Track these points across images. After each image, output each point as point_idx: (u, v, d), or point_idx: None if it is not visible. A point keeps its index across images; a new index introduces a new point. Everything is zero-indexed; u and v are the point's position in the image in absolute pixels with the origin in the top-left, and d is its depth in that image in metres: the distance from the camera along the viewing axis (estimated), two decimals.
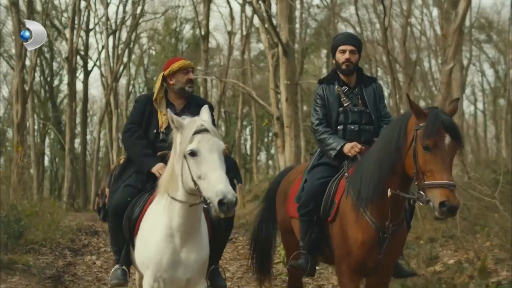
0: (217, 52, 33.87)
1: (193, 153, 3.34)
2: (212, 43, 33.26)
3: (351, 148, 4.30)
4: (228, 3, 34.65)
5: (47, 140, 38.38)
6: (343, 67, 4.50)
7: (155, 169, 4.09)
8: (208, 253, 3.82)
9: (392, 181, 3.71)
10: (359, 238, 3.89)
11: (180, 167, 3.48)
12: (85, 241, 11.93)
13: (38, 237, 9.28)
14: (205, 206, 3.32)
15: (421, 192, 3.44)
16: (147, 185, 4.14)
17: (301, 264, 4.36)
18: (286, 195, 4.88)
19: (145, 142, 4.21)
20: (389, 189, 3.69)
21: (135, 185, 4.16)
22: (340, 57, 4.51)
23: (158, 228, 3.70)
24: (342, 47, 4.52)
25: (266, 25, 15.16)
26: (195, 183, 3.34)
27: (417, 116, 3.59)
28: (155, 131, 4.28)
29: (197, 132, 3.39)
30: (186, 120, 3.54)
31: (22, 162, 12.26)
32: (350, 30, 26.29)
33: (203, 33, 25.83)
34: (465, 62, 32.88)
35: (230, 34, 29.53)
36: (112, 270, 4.20)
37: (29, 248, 8.59)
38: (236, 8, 36.89)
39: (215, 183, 3.19)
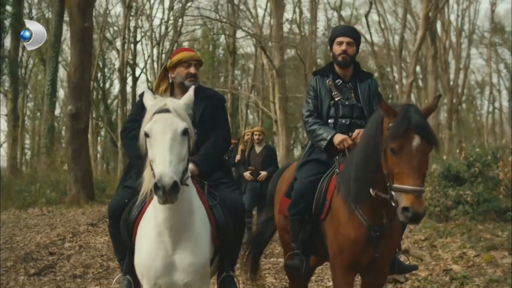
0: (246, 58, 38.93)
1: (147, 134, 3.16)
2: (247, 50, 38.79)
3: (340, 141, 4.35)
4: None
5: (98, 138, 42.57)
6: (340, 58, 4.55)
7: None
8: (208, 256, 3.62)
9: (379, 179, 3.60)
10: (351, 235, 3.88)
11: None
12: None
13: (112, 192, 17.57)
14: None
15: (392, 193, 3.38)
16: None
17: (297, 264, 4.40)
18: (281, 193, 4.90)
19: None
20: (371, 189, 3.65)
21: (134, 186, 3.79)
22: (337, 49, 4.56)
23: (148, 229, 3.51)
24: (339, 39, 4.56)
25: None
26: (151, 168, 3.17)
27: (387, 116, 3.50)
28: None
29: (157, 112, 3.20)
30: (155, 100, 3.34)
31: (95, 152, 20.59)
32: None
33: (230, 49, 31.38)
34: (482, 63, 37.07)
35: (256, 46, 32.50)
36: (115, 279, 4.06)
37: (107, 197, 16.78)
38: None
39: (157, 165, 3.00)
